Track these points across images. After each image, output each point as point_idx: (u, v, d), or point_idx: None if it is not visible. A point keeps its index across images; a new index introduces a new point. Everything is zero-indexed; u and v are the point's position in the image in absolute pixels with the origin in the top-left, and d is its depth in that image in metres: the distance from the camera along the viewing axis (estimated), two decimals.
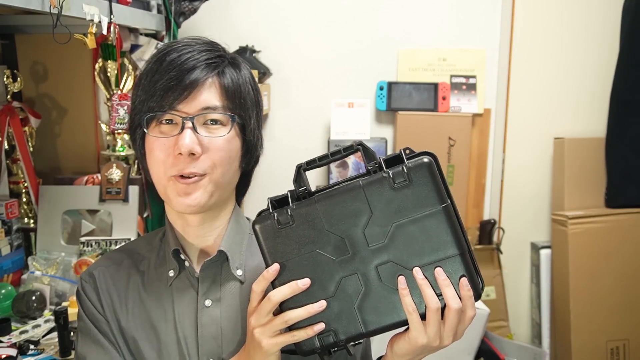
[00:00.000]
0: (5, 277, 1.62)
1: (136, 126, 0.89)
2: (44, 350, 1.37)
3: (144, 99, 0.86)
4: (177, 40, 0.90)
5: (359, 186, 0.76)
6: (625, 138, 2.23)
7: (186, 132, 0.83)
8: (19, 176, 1.75)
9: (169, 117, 0.85)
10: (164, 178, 0.86)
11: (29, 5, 1.11)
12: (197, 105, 0.84)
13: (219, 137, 0.86)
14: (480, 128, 2.33)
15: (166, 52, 0.86)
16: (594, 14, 2.33)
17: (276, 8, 2.33)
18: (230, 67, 0.89)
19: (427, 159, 0.77)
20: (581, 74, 2.37)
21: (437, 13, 2.30)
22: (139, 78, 0.89)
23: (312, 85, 2.36)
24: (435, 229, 0.76)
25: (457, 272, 0.76)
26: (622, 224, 2.24)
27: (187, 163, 0.84)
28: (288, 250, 0.78)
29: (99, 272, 0.96)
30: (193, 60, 0.85)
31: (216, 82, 0.86)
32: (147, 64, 0.89)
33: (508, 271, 2.45)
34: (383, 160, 0.78)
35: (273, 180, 2.48)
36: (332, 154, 0.81)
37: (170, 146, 0.85)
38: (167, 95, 0.84)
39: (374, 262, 0.77)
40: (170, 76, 0.83)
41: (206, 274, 0.91)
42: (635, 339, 2.24)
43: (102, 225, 1.72)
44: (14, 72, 1.73)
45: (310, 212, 0.78)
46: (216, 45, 0.91)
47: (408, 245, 0.76)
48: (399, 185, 0.75)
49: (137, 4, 1.70)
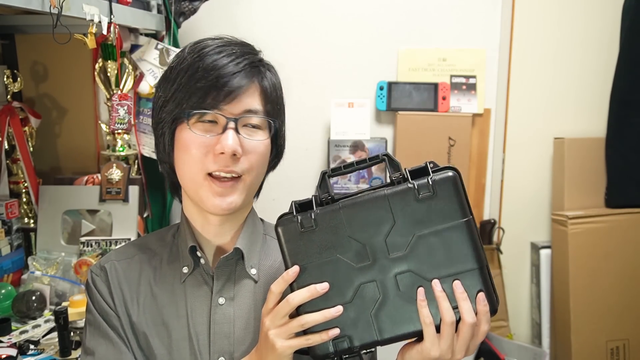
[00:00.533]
0: (5, 277, 1.62)
1: (167, 121, 0.89)
2: (44, 350, 1.37)
3: (183, 97, 0.86)
4: (211, 39, 0.90)
5: (384, 195, 0.78)
6: (625, 138, 2.23)
7: (229, 133, 0.84)
8: (19, 176, 1.75)
9: (212, 117, 0.86)
10: (200, 176, 0.86)
11: (29, 5, 1.11)
12: (240, 107, 0.86)
13: (259, 140, 0.89)
14: (480, 128, 2.33)
15: (207, 52, 0.86)
16: (593, 14, 2.33)
17: (276, 8, 2.33)
18: (269, 72, 0.93)
19: (452, 172, 0.78)
20: (581, 74, 2.37)
21: (437, 13, 2.30)
22: (172, 72, 0.89)
23: (312, 85, 2.36)
24: (455, 242, 0.77)
25: (474, 286, 0.77)
26: (622, 224, 2.24)
27: (227, 162, 0.85)
28: (309, 254, 0.79)
29: (110, 266, 0.95)
30: (237, 64, 0.86)
31: (258, 86, 0.89)
32: (182, 59, 0.88)
33: (508, 271, 2.45)
34: (408, 172, 0.80)
35: (273, 180, 2.48)
36: (358, 163, 0.83)
37: (210, 145, 0.85)
38: (212, 95, 0.84)
39: (394, 270, 0.78)
40: (215, 76, 0.84)
41: (221, 272, 0.92)
42: (635, 339, 2.24)
43: (102, 225, 1.72)
44: (14, 72, 1.73)
45: (333, 217, 0.79)
46: (253, 47, 0.94)
47: (428, 257, 0.77)
48: (423, 196, 0.77)
49: (137, 4, 1.70)
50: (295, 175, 2.35)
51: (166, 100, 0.88)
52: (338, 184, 2.17)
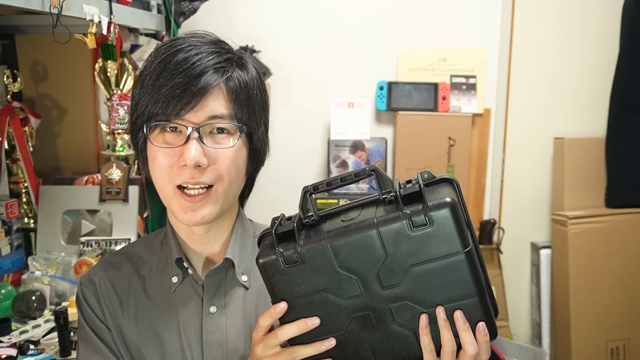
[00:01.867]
0: (5, 277, 1.62)
1: (138, 129, 0.85)
2: (44, 350, 1.37)
3: (147, 103, 0.82)
4: (182, 37, 0.85)
5: (373, 225, 0.71)
6: (625, 138, 2.23)
7: (192, 144, 0.80)
8: (19, 176, 1.75)
9: (174, 125, 0.82)
10: (169, 188, 0.83)
11: (29, 5, 1.11)
12: (203, 113, 0.81)
13: (227, 148, 0.83)
14: (480, 128, 2.33)
15: (172, 53, 0.82)
16: (593, 14, 2.33)
17: (276, 8, 2.33)
18: (238, 70, 0.84)
19: (450, 198, 0.70)
20: (581, 74, 2.37)
21: (437, 13, 2.30)
22: (140, 76, 0.85)
23: (312, 85, 2.36)
24: (455, 272, 0.71)
25: (475, 315, 0.73)
26: (622, 224, 2.24)
27: (192, 174, 0.81)
28: (296, 289, 0.74)
29: (99, 278, 0.93)
30: (201, 65, 0.80)
31: (224, 88, 0.82)
32: (150, 63, 0.84)
33: (508, 271, 2.45)
34: (401, 195, 0.72)
35: (273, 180, 2.49)
36: (342, 179, 0.76)
37: (174, 156, 0.81)
38: (173, 103, 0.80)
39: (388, 302, 0.73)
40: (177, 82, 0.79)
41: (211, 280, 0.90)
42: (635, 339, 2.24)
43: (102, 225, 1.72)
44: (14, 72, 1.73)
45: (319, 251, 0.73)
46: (223, 45, 0.87)
47: (425, 287, 0.72)
48: (418, 227, 0.70)
49: (137, 4, 1.70)
50: (295, 175, 2.35)
51: (135, 106, 0.85)
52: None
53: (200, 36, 0.86)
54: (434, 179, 0.75)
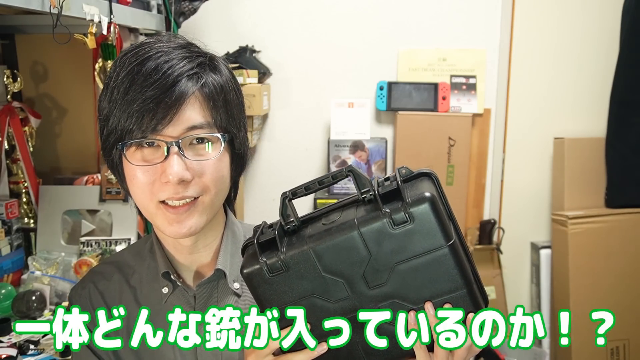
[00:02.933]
0: (5, 277, 1.62)
1: (111, 147, 0.81)
2: (44, 350, 1.37)
3: (118, 119, 0.77)
4: (148, 43, 0.80)
5: (354, 226, 0.70)
6: (625, 138, 2.23)
7: (173, 159, 0.76)
8: (19, 176, 1.75)
9: (151, 140, 0.77)
10: (152, 205, 0.80)
11: (29, 5, 1.11)
12: (181, 125, 0.77)
13: (211, 159, 0.79)
14: (480, 128, 2.33)
15: (139, 62, 0.77)
16: (593, 14, 2.33)
17: (276, 8, 2.33)
18: (211, 74, 0.80)
19: (429, 192, 0.69)
20: (581, 74, 2.37)
21: (437, 13, 2.30)
22: (107, 89, 0.79)
23: (312, 85, 2.36)
24: (440, 266, 0.71)
25: (465, 308, 0.73)
26: (622, 224, 2.24)
27: (177, 189, 0.78)
28: (283, 297, 0.74)
29: (89, 290, 0.92)
30: (173, 73, 0.76)
31: (199, 96, 0.78)
32: (116, 74, 0.78)
33: (508, 271, 2.45)
34: (379, 194, 0.71)
35: (273, 180, 2.49)
36: (320, 182, 0.74)
37: (155, 172, 0.78)
38: (148, 117, 0.75)
39: (376, 302, 0.73)
40: (149, 95, 0.75)
41: (202, 290, 0.88)
42: (635, 339, 2.24)
43: (102, 225, 1.72)
44: (14, 72, 1.73)
45: (302, 256, 0.72)
46: (193, 48, 0.82)
47: (411, 283, 0.72)
48: (399, 225, 0.69)
49: (137, 4, 1.70)
50: (295, 175, 2.35)
51: (105, 121, 0.80)
52: (338, 183, 2.17)
53: (168, 40, 0.81)
54: (411, 174, 0.74)
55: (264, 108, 2.14)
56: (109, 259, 0.98)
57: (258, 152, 2.38)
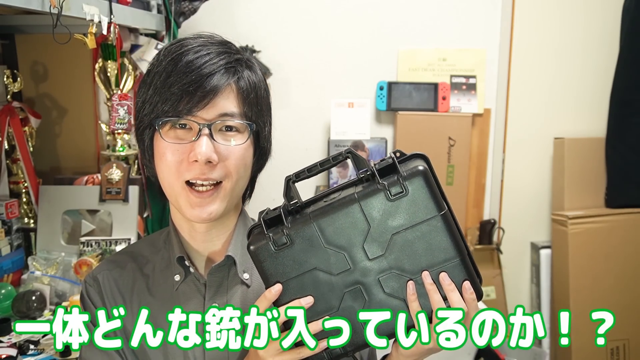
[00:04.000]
0: (5, 277, 1.62)
1: (145, 127, 0.86)
2: (44, 350, 1.37)
3: (158, 101, 0.83)
4: (190, 38, 0.87)
5: (355, 199, 0.75)
6: (625, 138, 2.23)
7: (203, 140, 0.81)
8: (19, 176, 1.75)
9: (186, 123, 0.83)
10: (177, 184, 0.84)
11: (29, 5, 1.11)
12: (214, 111, 0.82)
13: (237, 145, 0.84)
14: (480, 128, 2.33)
15: (182, 53, 0.83)
16: (593, 14, 2.33)
17: (276, 8, 2.33)
18: (247, 70, 0.86)
19: (422, 166, 0.76)
20: (581, 74, 2.37)
21: (437, 13, 2.30)
22: (149, 75, 0.86)
23: (312, 85, 2.36)
24: (434, 236, 0.76)
25: (459, 276, 0.77)
26: (622, 224, 2.24)
27: (203, 170, 0.82)
28: (287, 270, 0.78)
29: (103, 276, 0.94)
30: (212, 64, 0.82)
31: (234, 87, 0.84)
32: (158, 62, 0.85)
33: (508, 271, 2.45)
34: (376, 170, 0.77)
35: (273, 180, 2.48)
36: (322, 164, 0.80)
37: (185, 152, 0.83)
38: (185, 100, 0.81)
39: (376, 273, 0.77)
40: (189, 80, 0.80)
41: (213, 279, 0.91)
42: (635, 339, 2.24)
43: (102, 225, 1.72)
44: (14, 72, 1.73)
45: (306, 230, 0.77)
46: (232, 46, 0.88)
47: (408, 254, 0.76)
48: (395, 195, 0.75)
49: (137, 4, 1.70)
50: None
51: (143, 105, 0.86)
52: (338, 183, 2.17)
53: (208, 37, 0.87)
54: (405, 156, 0.80)
55: None
56: (125, 249, 1.02)
57: None
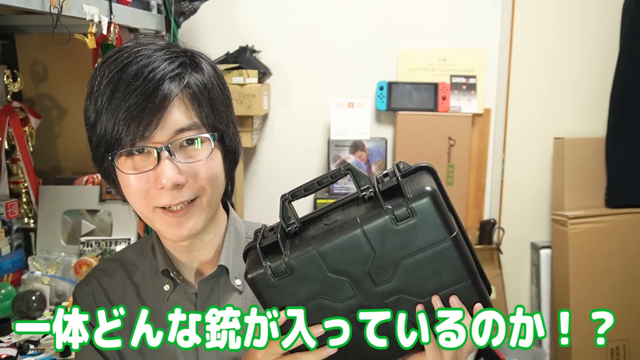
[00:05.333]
0: (5, 277, 1.62)
1: (101, 157, 0.80)
2: (44, 350, 1.37)
3: (104, 127, 0.76)
4: (127, 47, 0.79)
5: (357, 224, 0.70)
6: (625, 138, 2.23)
7: (165, 165, 0.76)
8: (19, 176, 1.75)
9: (140, 147, 0.77)
10: (149, 211, 0.80)
11: (29, 5, 1.11)
12: (169, 129, 0.76)
13: (203, 160, 0.79)
14: (480, 128, 2.33)
15: (119, 69, 0.76)
16: (593, 14, 2.33)
17: (276, 8, 2.33)
18: (193, 74, 0.80)
19: (429, 187, 0.69)
20: (581, 74, 2.37)
21: (437, 13, 2.30)
22: (90, 97, 0.79)
23: (312, 85, 2.36)
24: (444, 259, 0.71)
25: (470, 297, 0.73)
26: (622, 224, 2.24)
27: (173, 195, 0.77)
28: (289, 300, 0.73)
29: (92, 287, 0.93)
30: (154, 77, 0.75)
31: (183, 97, 0.77)
32: (98, 81, 0.78)
33: (508, 271, 2.45)
34: (380, 191, 0.70)
35: (273, 180, 2.49)
36: (319, 182, 0.74)
37: (148, 179, 0.77)
38: (134, 125, 0.74)
39: (383, 299, 0.73)
40: (132, 103, 0.74)
41: (204, 287, 0.89)
42: (635, 339, 2.24)
43: (102, 225, 1.72)
44: (14, 72, 1.73)
45: (307, 258, 0.71)
46: (173, 48, 0.81)
47: (417, 278, 0.72)
48: (402, 220, 0.69)
49: (137, 4, 1.69)
50: (295, 175, 2.35)
51: (91, 132, 0.79)
52: (338, 183, 2.17)
53: (148, 42, 0.80)
54: (410, 168, 0.73)
55: (264, 108, 2.13)
56: (113, 256, 0.99)
57: (258, 152, 2.38)
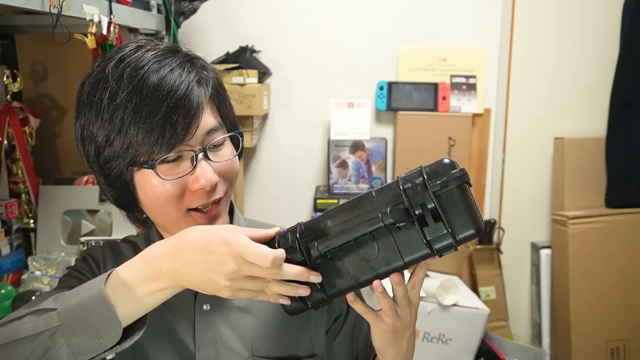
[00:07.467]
0: (5, 277, 1.61)
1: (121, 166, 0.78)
2: None
3: (135, 137, 0.75)
4: (133, 56, 0.78)
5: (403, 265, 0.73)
6: (625, 138, 2.23)
7: (203, 166, 0.78)
8: (19, 176, 1.75)
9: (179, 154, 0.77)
10: (180, 215, 0.80)
11: (29, 5, 1.11)
12: (201, 131, 0.78)
13: (230, 159, 0.82)
14: (480, 128, 2.33)
15: (141, 76, 0.75)
16: (593, 14, 2.33)
17: (276, 8, 2.33)
18: (204, 71, 0.82)
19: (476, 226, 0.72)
20: (581, 74, 2.37)
21: (437, 13, 2.30)
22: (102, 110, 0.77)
23: (312, 85, 2.36)
24: None
25: None
26: (622, 224, 2.24)
27: (209, 195, 0.80)
28: None
29: (104, 249, 0.94)
30: (182, 82, 0.76)
31: (210, 98, 0.80)
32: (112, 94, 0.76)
33: (508, 271, 2.45)
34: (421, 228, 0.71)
35: (273, 180, 2.49)
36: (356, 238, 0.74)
37: (183, 184, 0.78)
38: (169, 131, 0.75)
39: None
40: (169, 108, 0.74)
41: None
42: (635, 339, 2.24)
43: (102, 225, 1.72)
44: (14, 72, 1.73)
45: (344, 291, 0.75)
46: (180, 50, 0.82)
47: None
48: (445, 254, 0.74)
49: (137, 4, 1.69)
50: (295, 175, 2.35)
51: (108, 140, 0.77)
52: (338, 183, 2.17)
53: (153, 47, 0.80)
54: (445, 185, 0.71)
55: (264, 108, 2.13)
56: (124, 239, 0.98)
57: (258, 152, 2.38)
